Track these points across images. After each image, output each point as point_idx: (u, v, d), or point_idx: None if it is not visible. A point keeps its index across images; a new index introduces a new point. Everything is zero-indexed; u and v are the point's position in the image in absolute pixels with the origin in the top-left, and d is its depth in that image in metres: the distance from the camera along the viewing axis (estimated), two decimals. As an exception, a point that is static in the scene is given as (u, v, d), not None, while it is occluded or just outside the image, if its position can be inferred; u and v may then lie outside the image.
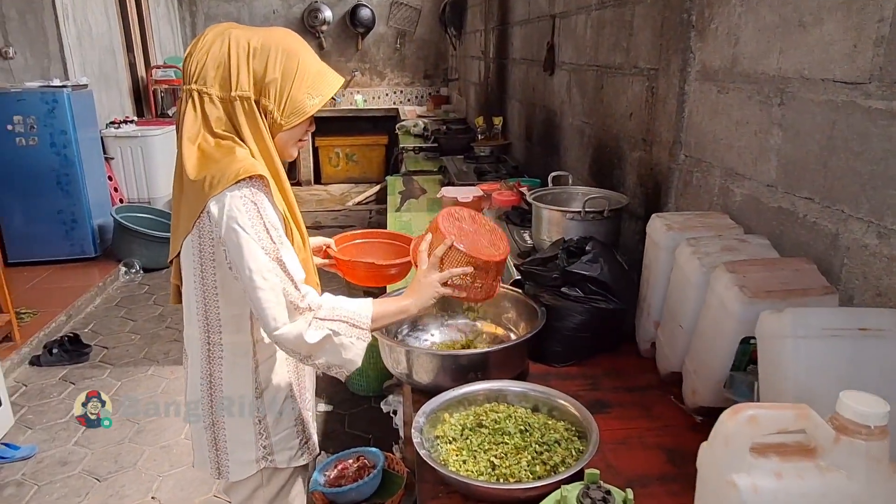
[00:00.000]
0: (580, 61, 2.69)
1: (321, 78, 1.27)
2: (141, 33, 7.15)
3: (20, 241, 5.00)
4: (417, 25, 8.40)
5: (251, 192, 1.17)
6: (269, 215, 1.18)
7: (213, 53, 1.21)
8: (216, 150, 1.21)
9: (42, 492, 2.65)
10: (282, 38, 1.25)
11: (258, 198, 1.18)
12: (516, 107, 4.12)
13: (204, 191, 1.17)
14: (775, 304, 1.10)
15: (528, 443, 1.18)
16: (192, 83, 1.22)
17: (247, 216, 1.16)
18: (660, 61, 1.89)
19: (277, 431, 1.37)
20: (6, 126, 4.75)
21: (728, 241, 1.36)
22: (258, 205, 1.17)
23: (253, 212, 1.16)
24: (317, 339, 1.19)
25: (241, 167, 1.16)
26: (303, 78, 1.24)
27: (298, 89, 1.23)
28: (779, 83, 1.36)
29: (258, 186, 1.18)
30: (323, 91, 1.27)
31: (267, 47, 1.22)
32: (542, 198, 2.02)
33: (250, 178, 1.17)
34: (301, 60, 1.24)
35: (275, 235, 1.18)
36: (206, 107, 1.22)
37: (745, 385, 1.18)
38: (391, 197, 3.38)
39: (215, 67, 1.20)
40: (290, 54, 1.23)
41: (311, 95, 1.25)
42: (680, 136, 1.80)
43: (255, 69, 1.21)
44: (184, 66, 1.25)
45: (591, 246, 1.60)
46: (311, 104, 1.25)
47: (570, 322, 1.54)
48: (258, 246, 1.16)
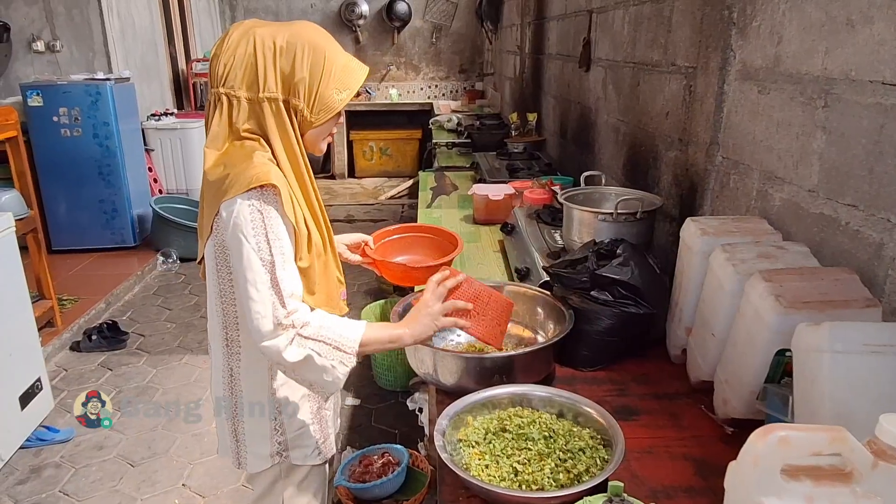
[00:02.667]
0: (616, 58, 2.64)
1: (347, 71, 1.26)
2: (182, 27, 7.29)
3: (63, 230, 5.16)
4: (453, 19, 8.37)
5: (259, 201, 1.17)
6: (273, 227, 1.17)
7: (239, 54, 1.20)
8: (237, 152, 1.21)
9: (79, 474, 2.74)
10: (307, 33, 1.23)
11: (266, 208, 1.17)
12: (551, 103, 4.07)
13: (219, 195, 1.19)
14: (813, 316, 1.06)
15: (552, 449, 1.16)
16: (220, 86, 1.22)
17: (251, 225, 1.16)
18: (698, 59, 1.84)
19: (293, 429, 1.39)
20: (52, 117, 4.89)
21: (765, 247, 1.32)
22: (264, 214, 1.17)
23: (258, 221, 1.16)
24: (296, 359, 1.18)
25: (254, 175, 1.16)
26: (330, 73, 1.23)
27: (326, 86, 1.23)
28: (823, 84, 1.30)
29: (268, 196, 1.18)
30: (350, 84, 1.26)
31: (293, 45, 1.21)
32: (574, 198, 1.99)
33: (262, 186, 1.16)
34: (327, 55, 1.23)
35: (276, 248, 1.17)
36: (233, 111, 1.22)
37: (779, 398, 1.14)
38: (422, 193, 3.37)
39: (242, 69, 1.20)
40: (317, 50, 1.22)
41: (338, 90, 1.25)
42: (717, 136, 1.74)
43: (283, 68, 1.21)
44: (210, 67, 1.26)
45: (623, 249, 1.56)
46: (339, 99, 1.25)
47: (598, 326, 1.51)
48: (256, 256, 1.16)
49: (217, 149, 1.24)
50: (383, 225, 7.70)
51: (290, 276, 1.19)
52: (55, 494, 2.62)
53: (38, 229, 3.68)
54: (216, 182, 1.21)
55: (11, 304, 2.87)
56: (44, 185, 4.96)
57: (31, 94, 4.82)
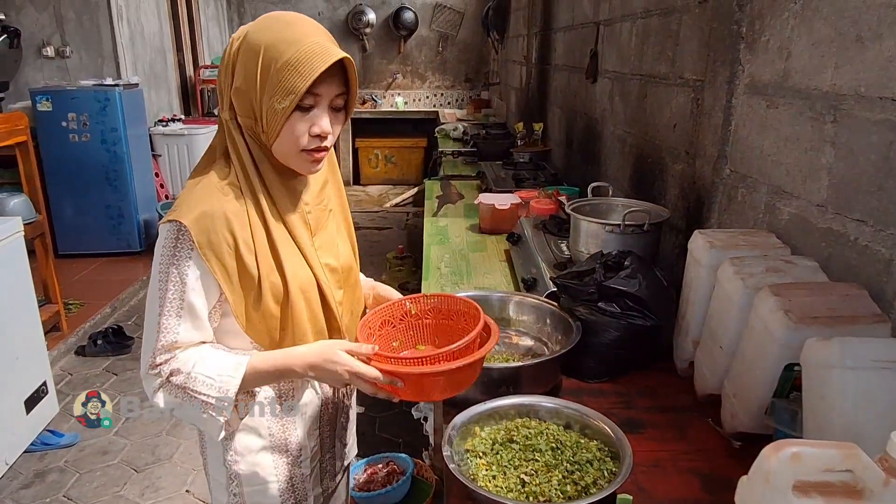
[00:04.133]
0: (623, 70, 2.65)
1: (288, 71, 1.01)
2: (190, 34, 7.34)
3: (70, 234, 5.18)
4: (460, 29, 8.41)
5: (175, 235, 1.05)
6: (179, 266, 1.05)
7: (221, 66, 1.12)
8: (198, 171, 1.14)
9: (83, 480, 2.74)
10: (253, 29, 1.07)
11: (179, 245, 1.05)
12: (557, 113, 4.09)
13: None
14: (822, 331, 1.06)
15: (559, 461, 1.16)
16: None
17: (158, 259, 1.06)
18: (706, 73, 1.85)
19: (251, 484, 1.23)
20: (61, 123, 4.93)
21: (773, 261, 1.32)
22: (176, 251, 1.05)
23: (166, 256, 1.06)
24: (165, 406, 1.08)
25: (178, 203, 1.07)
26: (266, 79, 1.03)
27: (265, 94, 1.04)
28: (832, 100, 1.31)
29: (183, 234, 1.05)
30: (293, 85, 1.02)
31: (240, 51, 1.06)
32: (581, 209, 1.99)
33: (176, 222, 1.05)
34: (264, 56, 1.02)
35: (171, 290, 1.05)
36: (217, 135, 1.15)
37: (787, 413, 1.14)
38: (428, 201, 3.38)
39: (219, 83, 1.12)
40: (250, 50, 1.04)
41: (280, 97, 1.03)
42: (725, 150, 1.75)
43: (226, 80, 1.09)
44: None
45: (630, 261, 1.57)
46: (281, 108, 1.03)
47: (605, 338, 1.52)
48: (155, 292, 1.07)
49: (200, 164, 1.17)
50: (389, 233, 7.61)
51: (174, 326, 1.06)
52: (59, 499, 2.62)
53: (45, 234, 3.70)
54: None
55: (19, 307, 2.88)
56: (51, 189, 4.98)
57: (41, 100, 4.86)
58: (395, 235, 6.07)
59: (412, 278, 4.24)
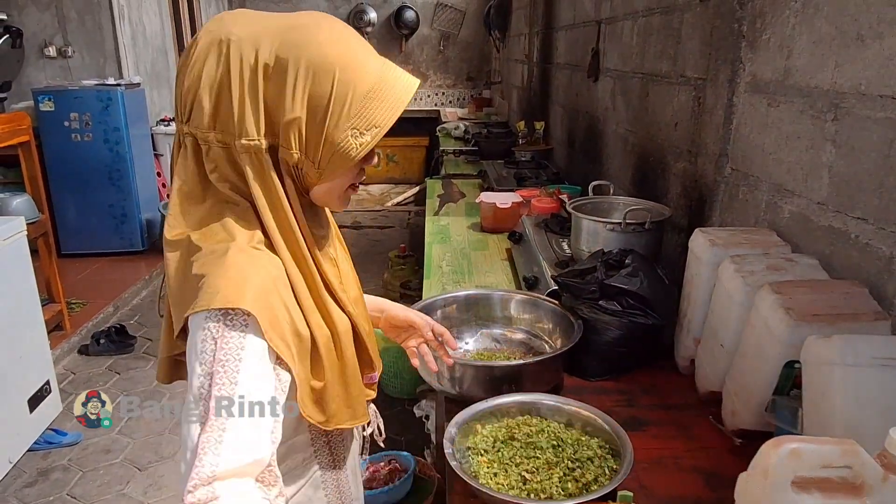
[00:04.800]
0: (625, 68, 2.66)
1: (375, 98, 0.83)
2: (192, 33, 7.35)
3: (73, 234, 5.20)
4: (461, 27, 8.42)
5: (221, 327, 0.78)
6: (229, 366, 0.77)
7: (205, 77, 0.82)
8: (213, 230, 0.84)
9: (86, 478, 2.75)
10: (309, 38, 0.82)
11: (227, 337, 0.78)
12: (559, 112, 4.09)
13: (187, 299, 0.81)
14: (823, 329, 1.06)
15: (560, 458, 1.17)
16: (182, 121, 0.85)
17: (199, 367, 0.78)
18: (708, 71, 1.85)
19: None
20: (63, 122, 4.94)
21: (774, 259, 1.32)
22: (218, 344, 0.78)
23: (207, 354, 0.77)
24: None
25: (221, 287, 0.78)
26: (343, 106, 0.82)
27: (336, 126, 0.82)
28: (833, 98, 1.31)
29: (235, 323, 0.78)
30: (377, 119, 0.83)
31: (284, 61, 0.81)
32: (582, 207, 2.00)
33: (228, 311, 0.78)
34: (339, 78, 0.81)
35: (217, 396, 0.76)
36: (204, 159, 0.84)
37: (788, 410, 1.14)
38: (430, 200, 3.39)
39: (210, 98, 0.82)
40: (320, 71, 0.81)
41: (357, 132, 0.83)
42: (727, 148, 1.75)
43: (267, 102, 0.82)
44: (175, 94, 0.87)
45: (631, 259, 1.57)
46: (360, 143, 0.83)
47: (606, 336, 1.52)
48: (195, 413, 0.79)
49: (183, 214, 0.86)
50: (390, 232, 7.62)
51: (227, 450, 0.75)
52: (63, 497, 2.63)
53: (48, 233, 3.71)
54: (186, 272, 0.83)
55: (22, 307, 2.89)
56: (54, 189, 5.00)
57: (43, 99, 4.87)
58: (396, 234, 6.08)
59: (414, 277, 4.25)
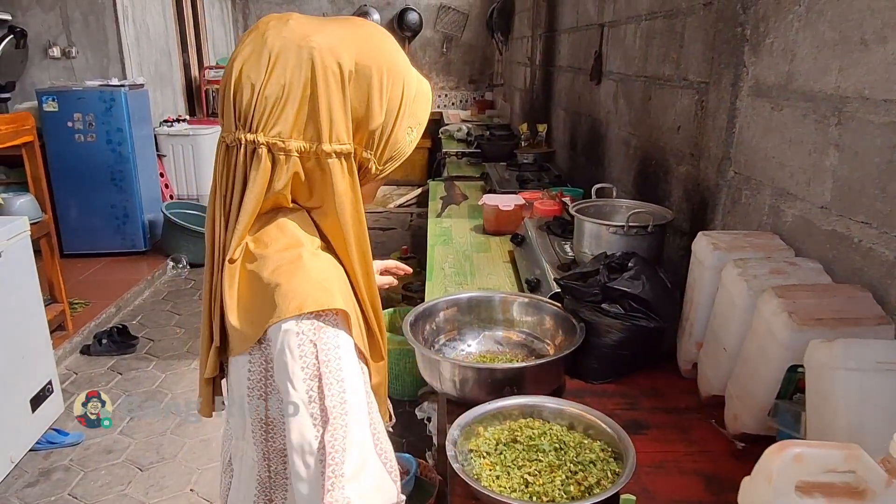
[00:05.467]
0: (628, 71, 2.66)
1: (420, 99, 0.95)
2: (195, 34, 7.38)
3: (75, 234, 5.21)
4: (464, 30, 8.43)
5: (314, 331, 0.79)
6: (333, 369, 0.79)
7: (291, 83, 0.81)
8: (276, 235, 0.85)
9: (88, 478, 2.75)
10: (380, 48, 0.88)
11: (323, 338, 0.79)
12: (561, 115, 4.09)
13: (266, 309, 0.80)
14: (826, 333, 1.06)
15: (562, 461, 1.17)
16: (248, 130, 0.81)
17: (300, 368, 0.78)
18: (711, 75, 1.85)
19: None
20: (67, 123, 4.95)
21: (777, 263, 1.32)
22: (319, 349, 0.79)
23: (309, 361, 0.78)
24: None
25: (309, 292, 0.79)
26: (406, 107, 0.90)
27: (400, 126, 0.90)
28: (837, 102, 1.31)
29: (328, 323, 0.80)
30: (421, 116, 0.95)
31: (367, 69, 0.85)
32: (585, 210, 2.00)
33: (321, 313, 0.80)
34: (406, 83, 0.90)
35: (333, 401, 0.78)
36: (276, 171, 0.83)
37: (791, 415, 1.14)
38: (432, 202, 3.39)
39: (294, 103, 0.81)
40: (394, 75, 0.88)
41: (410, 129, 0.93)
42: (729, 152, 1.75)
43: (354, 106, 0.85)
44: (234, 97, 0.82)
45: (634, 262, 1.57)
46: (412, 139, 0.94)
47: (608, 339, 1.52)
48: (307, 415, 0.78)
49: (243, 227, 0.84)
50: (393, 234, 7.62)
51: (353, 446, 0.77)
52: (64, 497, 2.63)
53: (51, 233, 3.72)
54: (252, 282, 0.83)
55: (25, 307, 2.90)
56: (57, 189, 5.01)
57: (47, 100, 4.89)
58: (398, 236, 6.08)
59: (416, 279, 4.25)
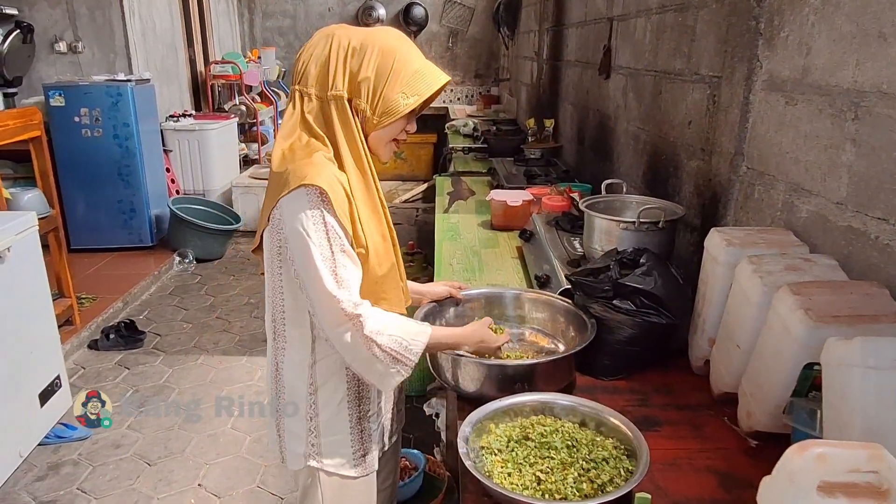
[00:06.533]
0: (638, 66, 2.64)
1: (419, 77, 1.27)
2: (201, 29, 7.36)
3: (82, 229, 5.22)
4: (470, 24, 8.39)
5: (315, 198, 1.19)
6: (331, 222, 1.20)
7: (315, 54, 1.26)
8: (302, 148, 1.25)
9: (96, 472, 2.76)
10: (382, 36, 1.26)
11: (320, 205, 1.20)
12: (569, 110, 4.07)
13: (279, 187, 1.21)
14: (842, 331, 1.05)
15: (574, 459, 1.16)
16: (296, 84, 1.28)
17: (311, 221, 1.18)
18: (723, 69, 1.83)
19: (329, 434, 1.37)
20: (73, 118, 4.96)
21: (792, 259, 1.31)
22: (323, 210, 1.19)
23: (318, 217, 1.19)
24: (358, 357, 1.23)
25: (307, 173, 1.19)
26: (398, 76, 1.24)
27: (392, 88, 1.24)
28: (853, 97, 1.29)
29: (315, 197, 1.20)
30: (419, 90, 1.27)
31: (365, 46, 1.24)
32: (595, 205, 1.98)
33: (311, 186, 1.19)
34: (398, 59, 1.24)
35: (335, 242, 1.20)
36: (304, 106, 1.27)
37: (806, 413, 1.13)
38: (439, 198, 3.38)
39: (316, 67, 1.25)
40: (386, 52, 1.24)
41: (405, 95, 1.25)
42: (742, 147, 1.74)
43: (351, 68, 1.24)
44: (294, 68, 1.32)
45: (646, 258, 1.56)
46: (405, 104, 1.26)
47: (620, 335, 1.51)
48: (318, 251, 1.19)
49: (284, 139, 1.27)
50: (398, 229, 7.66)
51: (353, 276, 1.22)
52: (73, 492, 2.64)
53: (58, 228, 3.72)
54: (278, 174, 1.24)
55: (34, 301, 2.90)
56: (64, 184, 5.02)
57: (54, 95, 4.89)
58: (404, 231, 6.06)
59: (422, 274, 4.24)
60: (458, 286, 1.71)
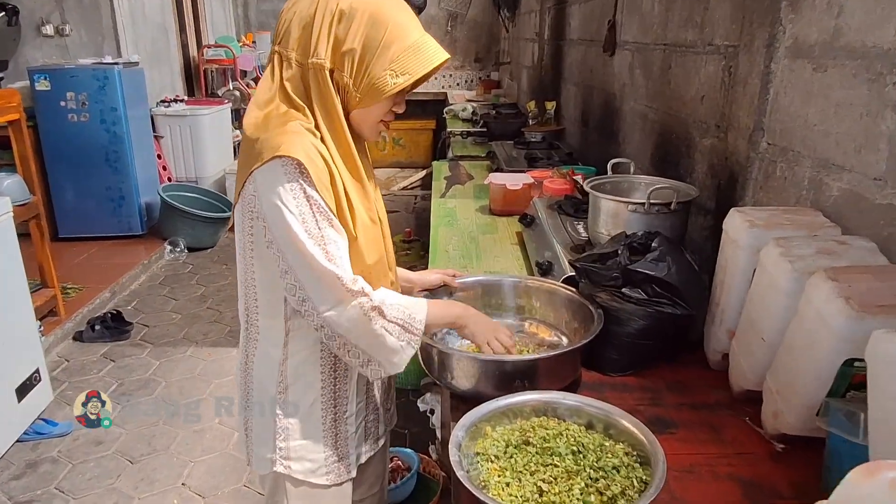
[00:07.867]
0: (645, 40, 2.48)
1: (412, 54, 1.10)
2: (194, 12, 7.18)
3: (70, 217, 5.08)
4: (469, 7, 8.19)
5: (290, 171, 1.06)
6: (313, 195, 1.06)
7: (299, 13, 1.11)
8: (277, 116, 1.11)
9: (76, 471, 2.64)
10: (376, 2, 1.10)
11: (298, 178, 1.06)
12: (572, 91, 3.91)
13: (251, 159, 1.08)
14: (890, 322, 0.91)
15: (581, 466, 1.03)
16: (276, 44, 1.14)
17: (291, 195, 1.05)
18: (741, 37, 1.68)
19: (298, 437, 1.23)
20: (59, 102, 4.80)
21: (825, 242, 1.17)
22: (302, 178, 1.06)
23: (297, 190, 1.05)
24: (365, 333, 1.11)
25: (281, 142, 1.05)
26: (387, 51, 1.08)
27: (380, 64, 1.09)
28: (894, 58, 1.15)
29: (292, 168, 1.06)
30: (411, 68, 1.10)
31: (355, 10, 1.08)
32: (601, 187, 1.84)
33: (286, 157, 1.05)
34: (390, 30, 1.08)
35: (321, 218, 1.07)
36: (283, 72, 1.12)
37: (844, 415, 0.99)
38: (436, 182, 3.24)
39: (299, 29, 1.10)
40: (378, 21, 1.08)
41: (394, 73, 1.09)
42: (762, 121, 1.59)
43: (337, 35, 1.09)
44: (276, 25, 1.17)
45: (658, 243, 1.41)
46: (393, 83, 1.10)
47: (629, 327, 1.37)
48: (300, 224, 1.05)
49: (260, 107, 1.13)
50: (396, 216, 7.49)
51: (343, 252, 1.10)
52: (50, 491, 2.52)
53: (40, 216, 3.57)
54: (251, 142, 1.10)
55: (8, 292, 2.77)
56: (51, 170, 4.88)
57: (39, 78, 4.73)
58: (402, 219, 5.92)
59: (420, 262, 4.12)
60: (453, 274, 1.57)
